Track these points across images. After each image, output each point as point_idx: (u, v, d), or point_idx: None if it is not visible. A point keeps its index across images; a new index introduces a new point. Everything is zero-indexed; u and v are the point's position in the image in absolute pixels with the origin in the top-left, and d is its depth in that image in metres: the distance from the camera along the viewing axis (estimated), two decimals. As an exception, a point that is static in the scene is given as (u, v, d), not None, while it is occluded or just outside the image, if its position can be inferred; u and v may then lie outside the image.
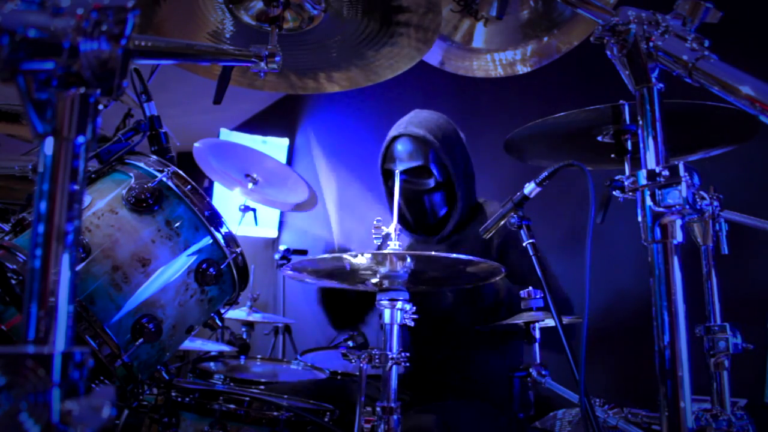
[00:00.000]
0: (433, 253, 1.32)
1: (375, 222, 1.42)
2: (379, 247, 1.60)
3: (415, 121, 2.08)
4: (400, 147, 2.06)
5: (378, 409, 1.32)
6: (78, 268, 1.18)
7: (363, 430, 1.34)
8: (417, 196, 2.06)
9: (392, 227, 1.38)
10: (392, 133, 2.10)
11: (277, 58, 1.26)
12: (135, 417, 1.79)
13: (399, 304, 1.35)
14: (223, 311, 1.48)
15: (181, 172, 1.36)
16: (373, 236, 1.42)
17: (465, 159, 2.11)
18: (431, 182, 2.05)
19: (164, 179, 1.32)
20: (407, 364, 1.34)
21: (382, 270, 1.34)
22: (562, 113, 1.40)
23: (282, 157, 4.88)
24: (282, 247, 3.21)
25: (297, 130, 5.01)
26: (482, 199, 2.19)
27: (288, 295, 4.27)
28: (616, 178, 0.98)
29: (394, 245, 1.35)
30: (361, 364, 1.34)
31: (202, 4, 1.46)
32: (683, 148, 1.51)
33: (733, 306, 1.45)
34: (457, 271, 1.51)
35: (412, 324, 1.36)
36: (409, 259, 1.30)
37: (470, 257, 1.30)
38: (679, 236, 0.85)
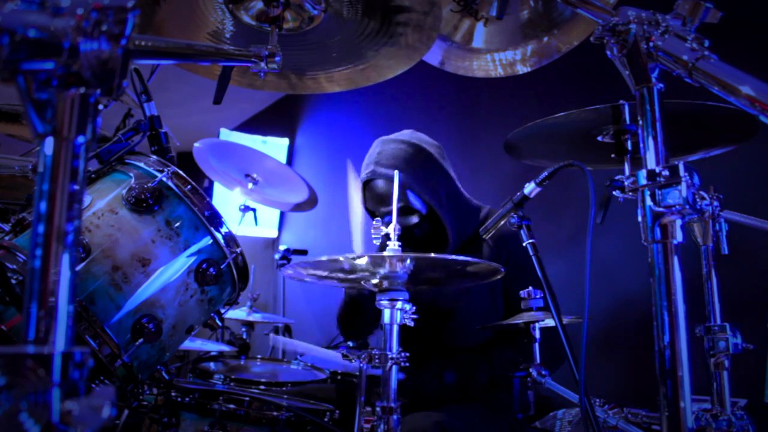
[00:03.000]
0: (432, 254, 1.32)
1: (375, 222, 1.42)
2: (380, 247, 1.60)
3: (382, 160, 1.97)
4: (375, 191, 1.99)
5: (378, 409, 1.32)
6: (78, 268, 1.18)
7: (363, 430, 1.34)
8: (405, 232, 1.97)
9: (392, 227, 1.38)
10: (362, 176, 2.02)
11: (277, 58, 1.26)
12: (135, 417, 1.79)
13: (399, 304, 1.35)
14: (223, 311, 1.48)
15: (181, 172, 1.36)
16: (373, 236, 1.41)
17: (445, 181, 2.01)
18: (414, 219, 1.98)
19: (164, 179, 1.32)
20: (407, 365, 1.34)
21: (382, 271, 1.34)
22: (562, 113, 1.40)
23: (282, 157, 4.88)
24: (282, 247, 3.22)
25: (297, 130, 5.01)
26: (487, 207, 2.11)
27: (288, 295, 4.27)
28: (616, 178, 0.98)
29: (393, 245, 1.35)
30: (361, 364, 1.34)
31: (202, 4, 1.46)
32: (683, 148, 1.51)
33: (733, 306, 1.45)
34: (456, 271, 1.51)
35: (411, 324, 1.36)
36: (408, 261, 1.30)
37: (469, 258, 1.29)
38: (679, 236, 0.85)
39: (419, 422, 1.62)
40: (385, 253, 1.30)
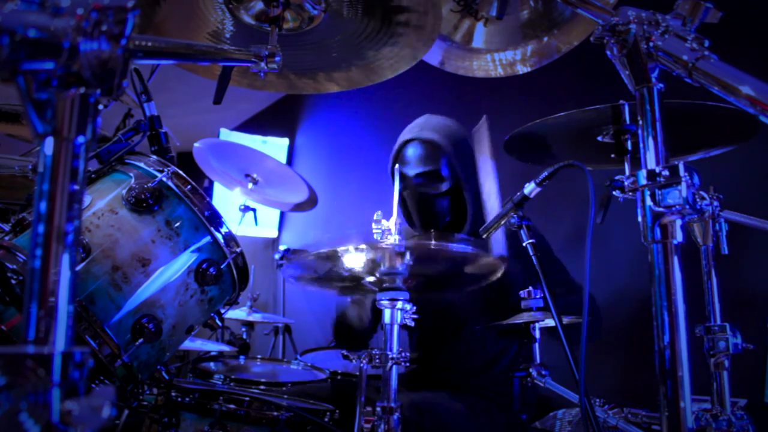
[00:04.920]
0: (432, 243, 1.31)
1: (375, 216, 1.41)
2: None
3: (428, 125, 2.06)
4: (412, 151, 2.05)
5: (378, 409, 1.31)
6: (78, 268, 1.18)
7: (363, 430, 1.34)
8: (429, 198, 2.05)
9: (392, 221, 1.38)
10: (405, 136, 2.08)
11: (277, 58, 1.25)
12: (135, 417, 1.79)
13: (399, 304, 1.34)
14: (223, 311, 1.48)
15: (181, 172, 1.36)
16: (373, 230, 1.41)
17: (474, 168, 2.07)
18: (444, 186, 2.04)
19: (164, 179, 1.32)
20: (408, 364, 1.34)
21: (381, 265, 1.33)
22: (562, 113, 1.40)
23: (282, 157, 4.88)
24: (282, 247, 3.21)
25: (297, 130, 5.01)
26: None
27: (288, 295, 4.27)
28: (616, 178, 0.98)
29: (393, 239, 1.35)
30: (361, 364, 1.34)
31: (202, 4, 1.46)
32: (683, 148, 1.51)
33: (733, 306, 1.45)
34: (456, 266, 1.50)
35: (412, 324, 1.36)
36: (408, 255, 1.29)
37: (469, 248, 1.29)
38: (679, 236, 0.85)
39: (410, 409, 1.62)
40: (381, 244, 1.30)
